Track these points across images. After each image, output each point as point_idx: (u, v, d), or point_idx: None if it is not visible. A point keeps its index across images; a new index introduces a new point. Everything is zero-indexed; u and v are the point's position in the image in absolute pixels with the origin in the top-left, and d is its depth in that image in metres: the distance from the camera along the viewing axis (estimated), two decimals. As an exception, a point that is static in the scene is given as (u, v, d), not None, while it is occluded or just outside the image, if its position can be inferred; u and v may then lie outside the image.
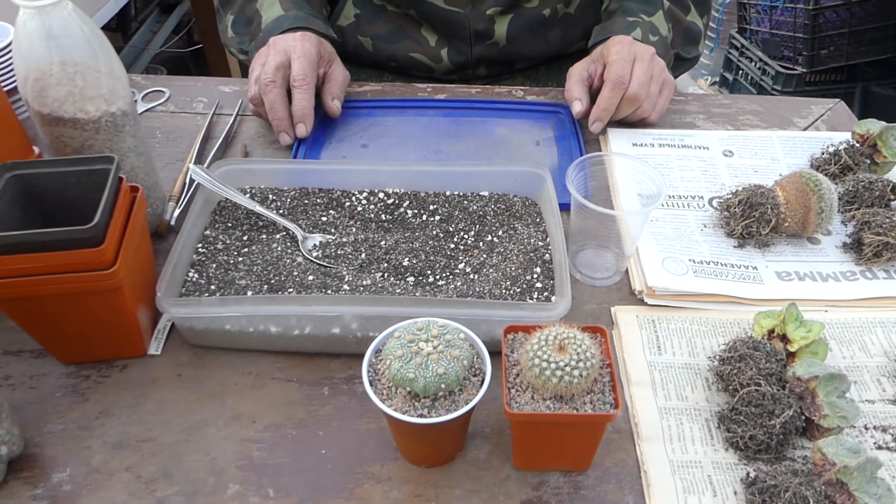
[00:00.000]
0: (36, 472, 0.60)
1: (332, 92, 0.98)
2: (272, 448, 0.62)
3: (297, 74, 0.92)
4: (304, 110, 0.92)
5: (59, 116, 0.67)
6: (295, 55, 0.93)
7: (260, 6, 1.02)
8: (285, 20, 0.98)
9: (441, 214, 0.80)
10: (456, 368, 0.54)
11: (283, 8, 1.01)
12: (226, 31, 1.10)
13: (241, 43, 1.07)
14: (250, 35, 1.04)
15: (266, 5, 1.02)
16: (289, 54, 0.93)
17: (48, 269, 0.58)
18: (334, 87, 0.99)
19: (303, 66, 0.92)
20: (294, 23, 0.98)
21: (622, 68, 0.90)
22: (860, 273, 0.78)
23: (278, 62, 0.92)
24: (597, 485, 0.59)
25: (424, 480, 0.60)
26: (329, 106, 0.97)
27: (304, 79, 0.92)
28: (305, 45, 0.94)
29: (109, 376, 0.67)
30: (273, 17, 1.00)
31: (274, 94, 0.91)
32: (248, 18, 1.04)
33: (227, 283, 0.70)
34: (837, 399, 0.60)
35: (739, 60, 2.53)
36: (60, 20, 0.63)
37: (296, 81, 0.92)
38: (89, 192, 0.61)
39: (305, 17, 1.00)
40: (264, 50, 0.96)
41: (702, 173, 0.91)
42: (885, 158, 0.88)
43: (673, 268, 0.76)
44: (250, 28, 1.04)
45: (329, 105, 0.97)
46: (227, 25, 1.08)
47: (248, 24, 1.04)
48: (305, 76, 0.92)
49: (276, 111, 0.91)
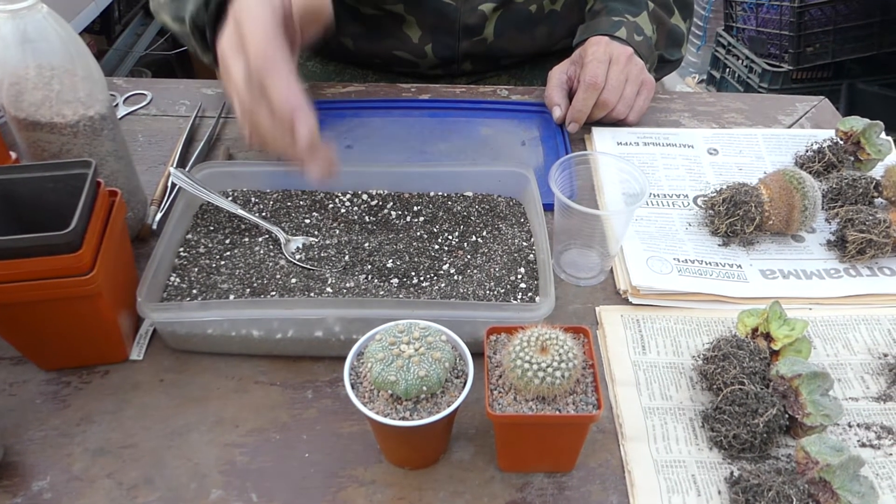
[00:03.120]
0: (16, 481, 0.59)
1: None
2: (255, 452, 0.61)
3: (254, 52, 0.63)
4: (292, 100, 0.64)
5: (36, 121, 0.66)
6: (246, 27, 0.64)
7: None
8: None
9: (425, 215, 0.80)
10: (437, 370, 0.54)
11: None
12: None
13: (180, 9, 0.81)
14: (194, 2, 0.80)
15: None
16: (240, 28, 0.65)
17: (25, 276, 0.57)
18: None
19: (260, 43, 0.63)
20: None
21: (596, 69, 0.91)
22: (844, 270, 0.78)
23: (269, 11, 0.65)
24: (581, 485, 0.59)
25: (408, 483, 0.59)
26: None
27: (264, 56, 0.63)
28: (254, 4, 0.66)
29: (90, 382, 0.66)
30: None
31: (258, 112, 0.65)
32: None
33: (209, 287, 0.70)
34: (821, 397, 0.60)
35: (726, 58, 2.54)
36: (35, 24, 0.62)
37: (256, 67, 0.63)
38: (67, 198, 0.61)
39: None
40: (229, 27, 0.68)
41: (686, 172, 0.91)
42: (869, 156, 0.88)
43: (657, 267, 0.76)
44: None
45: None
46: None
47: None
48: (267, 51, 0.63)
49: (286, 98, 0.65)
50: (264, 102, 0.64)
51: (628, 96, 0.94)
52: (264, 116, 0.64)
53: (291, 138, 0.64)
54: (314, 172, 0.66)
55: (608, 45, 0.94)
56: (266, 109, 0.64)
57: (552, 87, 0.98)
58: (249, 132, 0.67)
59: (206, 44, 0.82)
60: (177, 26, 0.87)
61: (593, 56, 0.92)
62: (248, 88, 0.64)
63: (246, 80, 0.64)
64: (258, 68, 0.63)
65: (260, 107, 0.64)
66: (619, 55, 0.93)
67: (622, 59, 0.93)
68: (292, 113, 0.63)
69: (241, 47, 0.65)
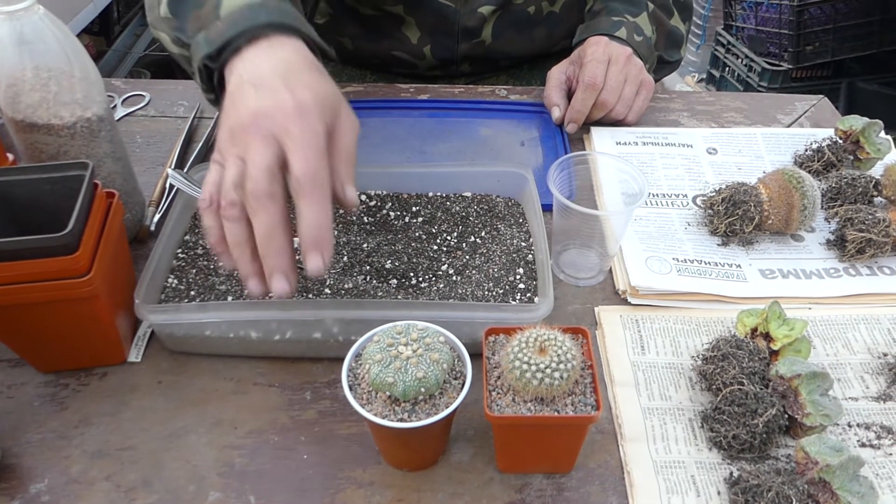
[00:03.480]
0: (13, 483, 0.59)
1: (342, 172, 0.60)
2: (254, 454, 0.61)
3: (302, 168, 0.56)
4: (321, 230, 0.56)
5: (33, 123, 0.66)
6: (298, 126, 0.56)
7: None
8: (262, 10, 0.65)
9: (424, 216, 0.80)
10: (436, 372, 0.53)
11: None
12: (156, 5, 0.76)
13: (180, 30, 0.73)
14: (197, 23, 0.70)
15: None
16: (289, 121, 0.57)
17: (22, 278, 0.57)
18: (343, 161, 0.61)
19: (311, 143, 0.56)
20: (276, 16, 0.65)
21: (595, 69, 0.91)
22: (843, 270, 0.77)
23: (272, 149, 0.56)
24: (580, 486, 0.59)
25: (407, 484, 0.59)
26: (343, 198, 0.61)
27: (314, 177, 0.56)
28: (314, 88, 0.59)
29: (88, 384, 0.66)
30: (241, 3, 0.67)
31: (272, 213, 0.56)
32: (199, 0, 0.71)
33: (207, 289, 0.70)
34: (820, 397, 0.60)
35: (726, 57, 2.54)
36: (32, 25, 0.62)
37: (303, 182, 0.56)
38: (64, 200, 0.60)
39: (294, 12, 0.68)
40: (237, 95, 0.60)
41: (686, 171, 0.91)
42: (868, 155, 0.88)
43: (657, 267, 0.76)
44: (199, 12, 0.70)
45: (343, 196, 0.61)
46: (162, 0, 0.76)
47: (196, 5, 0.71)
48: (317, 171, 0.56)
49: (273, 242, 0.57)
50: (271, 208, 0.56)
51: (627, 96, 0.94)
52: (261, 222, 0.56)
53: (272, 256, 0.57)
54: (264, 289, 0.59)
55: (607, 46, 0.93)
56: (267, 216, 0.56)
57: (551, 87, 0.98)
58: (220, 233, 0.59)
59: (211, 84, 0.69)
60: (175, 49, 0.77)
61: (592, 56, 0.92)
62: (267, 181, 0.56)
63: (266, 173, 0.56)
64: (306, 191, 0.55)
65: (264, 212, 0.56)
66: (619, 55, 0.93)
67: (621, 60, 0.93)
68: (316, 243, 0.56)
69: (277, 141, 0.56)
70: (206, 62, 0.66)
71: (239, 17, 0.65)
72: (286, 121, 0.57)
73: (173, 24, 0.74)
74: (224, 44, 0.64)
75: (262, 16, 0.65)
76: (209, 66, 0.66)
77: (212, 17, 0.68)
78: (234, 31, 0.64)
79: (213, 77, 0.68)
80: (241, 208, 0.57)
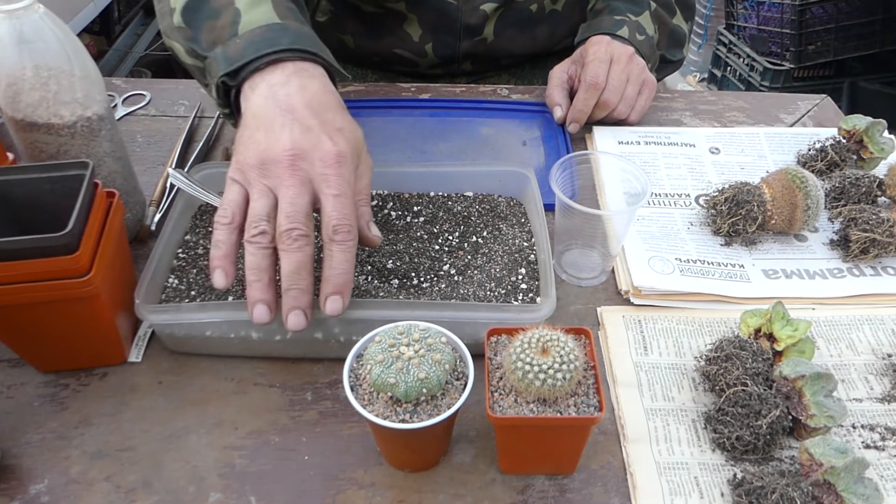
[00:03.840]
0: (13, 484, 0.58)
1: (365, 212, 0.64)
2: (254, 455, 0.61)
3: (338, 216, 0.58)
4: (347, 275, 0.59)
5: (33, 122, 0.65)
6: (337, 166, 0.59)
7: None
8: (283, 33, 0.66)
9: (425, 216, 0.79)
10: (437, 372, 0.53)
11: (276, 12, 0.69)
12: (169, 14, 0.76)
13: (194, 41, 0.72)
14: (212, 35, 0.70)
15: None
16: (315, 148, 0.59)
17: (22, 278, 0.56)
18: (364, 202, 0.64)
19: (347, 193, 0.59)
20: (297, 41, 0.66)
21: (597, 69, 0.91)
22: (847, 270, 0.77)
23: (309, 192, 0.59)
24: (583, 487, 0.59)
25: (408, 485, 0.59)
26: (365, 233, 0.64)
27: (350, 225, 0.59)
28: (347, 134, 0.62)
29: (89, 384, 0.66)
30: (261, 21, 0.68)
31: (306, 252, 0.58)
32: (214, 10, 0.71)
33: (207, 289, 0.69)
34: (824, 398, 0.59)
35: (727, 57, 2.54)
36: (32, 24, 0.62)
37: (339, 229, 0.58)
38: (64, 199, 0.60)
39: (312, 36, 0.68)
40: (268, 122, 0.61)
41: (688, 171, 0.91)
42: (872, 154, 0.88)
43: (659, 267, 0.76)
44: (215, 24, 0.70)
45: (368, 234, 0.65)
46: (175, 8, 0.74)
47: (211, 16, 0.71)
48: (351, 219, 0.59)
49: (300, 280, 0.58)
50: (306, 249, 0.58)
51: (629, 96, 0.94)
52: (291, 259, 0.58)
53: (296, 292, 0.58)
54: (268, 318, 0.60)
55: (609, 45, 0.93)
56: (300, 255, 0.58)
57: (553, 86, 0.97)
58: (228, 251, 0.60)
59: (227, 99, 0.70)
60: (189, 60, 0.76)
61: (594, 56, 0.92)
62: (305, 224, 0.58)
63: (305, 216, 0.58)
64: (340, 238, 0.58)
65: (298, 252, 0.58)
66: (621, 55, 0.92)
67: (623, 59, 0.92)
68: (341, 288, 0.59)
69: (312, 184, 0.59)
70: (224, 80, 0.67)
71: (259, 38, 0.66)
72: (325, 168, 0.59)
73: (187, 35, 0.73)
74: (244, 64, 0.66)
75: (284, 40, 0.66)
76: (227, 83, 0.67)
77: (229, 32, 0.68)
78: (255, 53, 0.65)
79: (231, 93, 0.69)
80: (271, 239, 0.59)
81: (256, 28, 0.67)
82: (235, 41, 0.67)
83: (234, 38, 0.68)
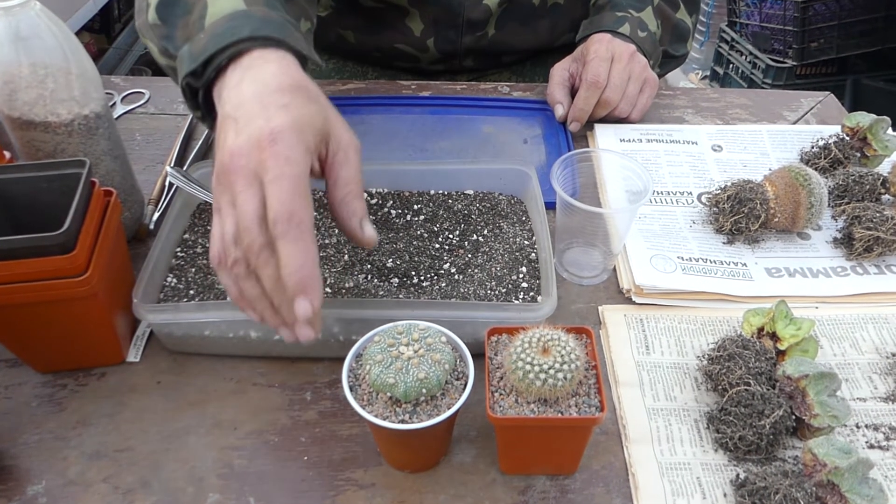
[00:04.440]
0: (10, 485, 0.58)
1: (354, 205, 0.57)
2: (253, 455, 0.60)
3: (274, 205, 0.51)
4: (304, 272, 0.51)
5: (30, 120, 0.65)
6: (273, 163, 0.51)
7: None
8: (245, 21, 0.61)
9: (425, 214, 0.79)
10: (437, 372, 0.53)
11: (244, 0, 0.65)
12: (144, 10, 0.72)
13: (168, 39, 0.68)
14: (185, 32, 0.66)
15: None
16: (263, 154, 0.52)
17: (18, 277, 0.56)
18: (351, 192, 0.57)
19: (285, 174, 0.51)
20: (259, 28, 0.61)
21: (598, 67, 0.90)
22: (851, 268, 0.77)
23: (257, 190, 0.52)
24: (584, 488, 0.58)
25: (408, 486, 0.58)
26: (357, 234, 0.58)
27: (290, 214, 0.51)
28: (292, 109, 0.54)
29: (87, 385, 0.66)
30: (225, 10, 0.63)
31: (273, 265, 0.52)
32: (188, 5, 0.67)
33: (206, 288, 0.69)
34: (828, 398, 0.59)
35: (730, 54, 2.53)
36: (28, 21, 0.61)
37: (277, 221, 0.51)
38: (61, 198, 0.60)
39: (281, 21, 0.64)
40: (221, 130, 0.56)
41: (690, 168, 0.90)
42: (875, 152, 0.87)
43: (661, 265, 0.75)
44: (188, 19, 0.66)
45: (360, 234, 0.58)
46: (151, 4, 0.71)
47: (185, 12, 0.67)
48: (291, 206, 0.51)
49: (282, 294, 0.53)
50: (272, 261, 0.52)
51: (631, 95, 0.93)
52: (265, 276, 0.53)
53: (286, 307, 0.53)
54: (296, 337, 0.55)
55: (610, 43, 0.92)
56: (270, 269, 0.52)
57: (554, 84, 0.97)
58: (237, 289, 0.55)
59: (196, 101, 0.65)
60: (163, 60, 0.72)
61: (595, 54, 0.91)
62: (259, 232, 0.52)
63: (258, 224, 0.52)
64: (280, 231, 0.51)
65: (266, 266, 0.52)
66: (622, 53, 0.92)
67: (624, 57, 0.92)
68: (302, 288, 0.51)
69: (258, 178, 0.52)
70: (188, 80, 0.62)
71: (221, 28, 0.61)
72: (260, 152, 0.52)
73: (161, 32, 0.69)
74: (206, 60, 0.60)
75: (245, 29, 0.60)
76: (192, 84, 0.62)
77: (197, 27, 0.64)
78: (216, 47, 0.59)
79: (199, 95, 0.64)
80: (246, 263, 0.53)
81: (220, 18, 0.62)
82: (200, 36, 0.62)
83: (199, 34, 0.63)
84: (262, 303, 0.55)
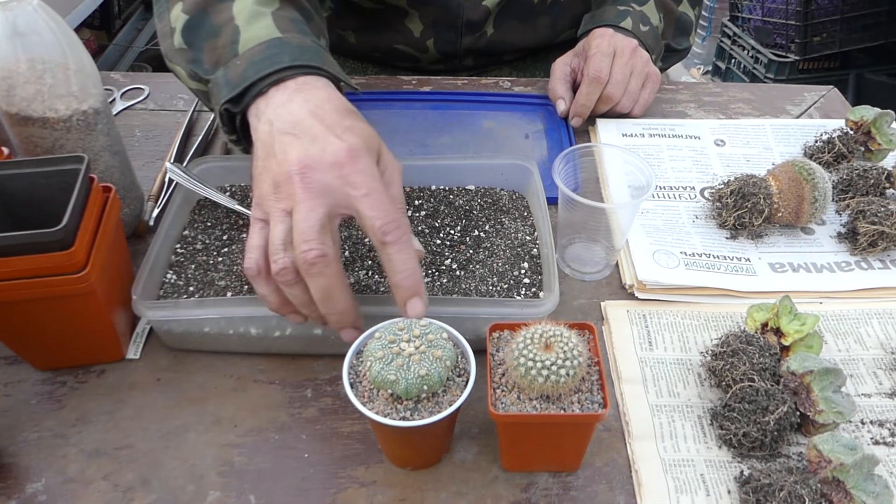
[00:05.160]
0: (10, 483, 0.58)
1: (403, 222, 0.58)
2: (254, 453, 0.60)
3: (379, 214, 0.54)
4: (415, 273, 0.56)
5: (28, 116, 0.65)
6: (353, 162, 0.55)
7: (236, 14, 0.68)
8: (284, 49, 0.63)
9: (426, 209, 0.78)
10: (439, 369, 0.52)
11: (277, 25, 0.66)
12: (169, 34, 0.73)
13: (196, 63, 0.70)
14: (213, 55, 0.68)
15: (246, 14, 0.68)
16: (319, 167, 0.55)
17: (16, 274, 0.56)
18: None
19: (377, 188, 0.55)
20: (298, 57, 0.63)
21: (600, 63, 0.90)
22: (855, 263, 0.76)
23: (323, 203, 0.55)
24: (587, 485, 0.58)
25: (410, 483, 0.58)
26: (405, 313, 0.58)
27: (396, 221, 0.55)
28: (356, 131, 0.57)
29: (86, 382, 0.65)
30: (261, 37, 0.65)
31: (327, 275, 0.54)
32: (214, 28, 0.69)
33: (206, 285, 0.69)
34: (833, 394, 0.58)
35: (732, 49, 2.52)
36: (26, 16, 0.61)
37: (386, 230, 0.54)
38: (60, 194, 0.59)
39: (316, 48, 0.66)
40: (274, 145, 0.57)
41: (693, 163, 0.90)
42: (880, 146, 0.86)
43: (664, 261, 0.74)
44: (216, 42, 0.68)
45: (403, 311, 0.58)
46: (176, 28, 0.71)
47: (211, 35, 0.69)
48: (394, 214, 0.55)
49: (332, 304, 0.56)
50: (326, 271, 0.55)
51: (633, 90, 0.93)
52: (318, 286, 0.55)
53: (351, 317, 0.58)
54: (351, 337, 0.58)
55: (612, 38, 0.92)
56: (335, 281, 0.55)
57: (555, 79, 0.96)
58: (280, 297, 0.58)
59: (233, 126, 0.67)
60: (193, 84, 0.73)
61: (597, 49, 0.91)
62: (320, 241, 0.54)
63: (319, 234, 0.55)
64: (391, 239, 0.54)
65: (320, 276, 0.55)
66: (624, 48, 0.91)
67: (626, 52, 0.91)
68: (415, 290, 0.56)
69: (330, 193, 0.55)
70: (227, 107, 0.64)
71: (259, 57, 0.63)
72: (340, 169, 0.55)
73: (188, 56, 0.70)
74: (246, 88, 0.62)
75: (285, 57, 0.62)
76: (231, 110, 0.64)
77: (229, 53, 0.66)
78: (257, 75, 0.62)
79: (236, 119, 0.65)
80: (294, 270, 0.55)
81: (256, 45, 0.64)
82: (236, 63, 0.64)
83: (234, 60, 0.65)
84: (310, 308, 0.57)
